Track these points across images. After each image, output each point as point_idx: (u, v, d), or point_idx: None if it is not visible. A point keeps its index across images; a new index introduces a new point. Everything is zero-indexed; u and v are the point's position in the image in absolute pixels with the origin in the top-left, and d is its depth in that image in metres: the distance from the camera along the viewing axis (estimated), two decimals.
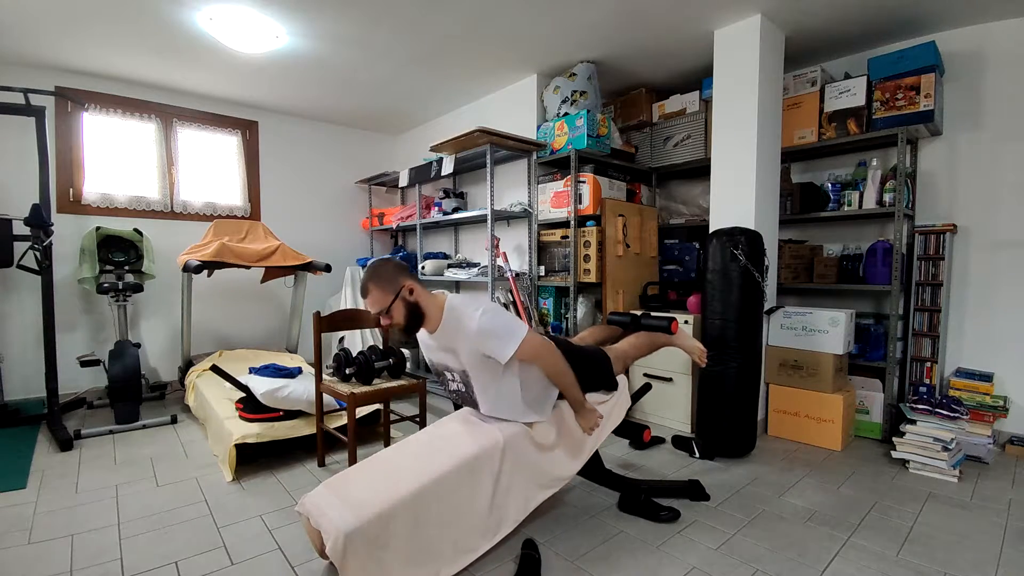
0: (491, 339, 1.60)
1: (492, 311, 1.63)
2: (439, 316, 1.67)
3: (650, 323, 2.26)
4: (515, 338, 1.60)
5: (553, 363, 1.69)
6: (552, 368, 1.70)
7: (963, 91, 2.76)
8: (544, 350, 1.67)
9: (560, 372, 1.71)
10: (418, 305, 1.65)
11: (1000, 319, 2.69)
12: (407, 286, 1.63)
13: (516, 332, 1.61)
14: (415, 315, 1.65)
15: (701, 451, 2.51)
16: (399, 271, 1.65)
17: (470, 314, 1.61)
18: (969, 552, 1.70)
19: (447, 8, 2.60)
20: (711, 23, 2.76)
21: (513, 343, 1.59)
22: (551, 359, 1.68)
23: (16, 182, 3.24)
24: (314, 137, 4.59)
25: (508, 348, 1.59)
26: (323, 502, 1.52)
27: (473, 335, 1.60)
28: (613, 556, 1.68)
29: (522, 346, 1.60)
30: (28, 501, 2.04)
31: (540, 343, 1.67)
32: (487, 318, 1.60)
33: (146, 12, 2.61)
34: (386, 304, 1.61)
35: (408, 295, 1.63)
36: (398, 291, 1.62)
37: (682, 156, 3.43)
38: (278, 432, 2.37)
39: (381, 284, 1.62)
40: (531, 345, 1.62)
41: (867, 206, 2.80)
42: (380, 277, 1.63)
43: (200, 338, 3.94)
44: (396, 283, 1.62)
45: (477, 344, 1.61)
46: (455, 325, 1.64)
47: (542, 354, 1.66)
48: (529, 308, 3.25)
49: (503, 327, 1.61)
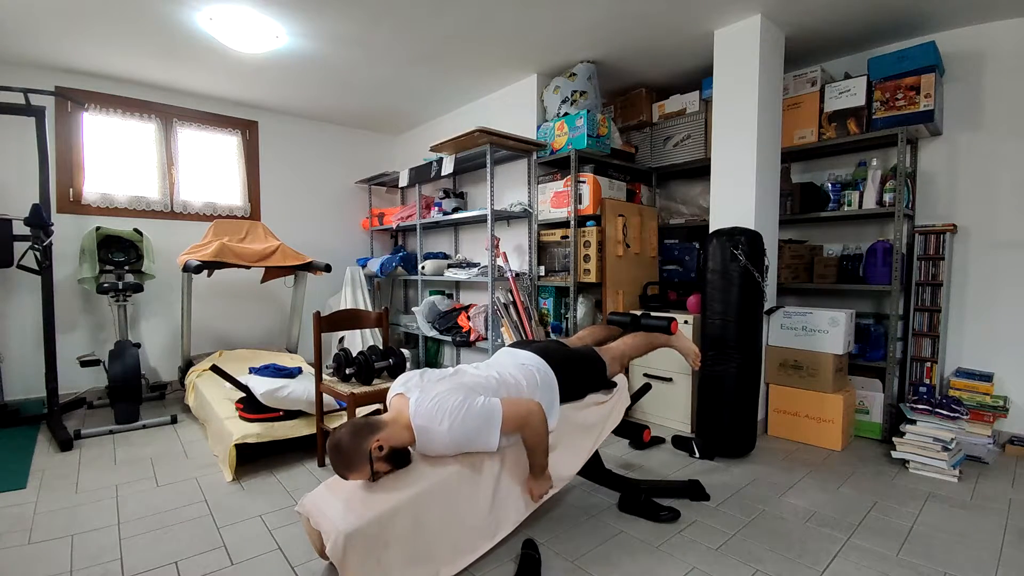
0: (472, 443, 1.56)
1: (455, 414, 1.52)
2: (412, 433, 1.57)
3: (650, 323, 2.26)
4: (494, 427, 1.54)
5: (534, 430, 1.61)
6: (532, 436, 1.62)
7: (963, 91, 2.76)
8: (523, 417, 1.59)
9: (538, 439, 1.63)
10: (393, 449, 1.55)
11: (1000, 319, 2.69)
12: (374, 445, 1.50)
13: (492, 421, 1.54)
14: (398, 457, 1.57)
15: (701, 451, 2.51)
16: (356, 441, 1.50)
17: (439, 434, 1.54)
18: (969, 552, 1.70)
19: (447, 8, 2.60)
20: (711, 23, 2.76)
21: (494, 432, 1.54)
22: (532, 424, 1.60)
23: (16, 182, 3.24)
24: (314, 137, 4.59)
25: (492, 439, 1.55)
26: (323, 502, 1.52)
27: (453, 449, 1.58)
28: (613, 556, 1.68)
29: (504, 426, 1.55)
30: (28, 501, 2.04)
31: (516, 412, 1.58)
32: (456, 430, 1.52)
33: (146, 12, 2.61)
34: (368, 474, 1.51)
35: (379, 451, 1.51)
36: (369, 459, 1.50)
37: (682, 156, 3.43)
38: (278, 432, 2.37)
39: (353, 464, 1.50)
40: (511, 422, 1.57)
41: (867, 206, 2.80)
42: (348, 460, 1.50)
43: (200, 338, 3.94)
44: (363, 454, 1.50)
45: (460, 451, 1.59)
46: (429, 443, 1.58)
47: (524, 423, 1.59)
48: (529, 308, 3.25)
49: (475, 427, 1.53)
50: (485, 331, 3.36)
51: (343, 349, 2.45)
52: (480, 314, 3.45)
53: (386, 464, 1.54)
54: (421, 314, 3.83)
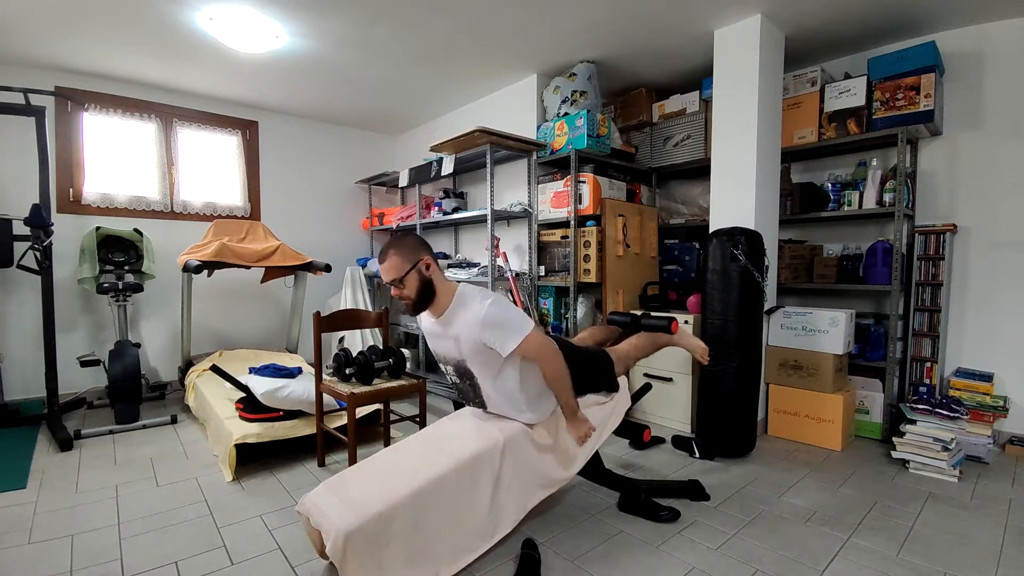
0: (495, 329, 1.59)
1: (501, 302, 1.63)
2: (448, 300, 1.67)
3: (650, 323, 2.26)
4: (519, 332, 1.59)
5: (554, 364, 1.68)
6: (552, 370, 1.68)
7: (963, 91, 2.76)
8: (546, 349, 1.66)
9: (559, 376, 1.70)
10: (431, 282, 1.64)
11: (1000, 319, 2.69)
12: (425, 260, 1.63)
13: (521, 327, 1.60)
14: (426, 291, 1.64)
15: (701, 451, 2.51)
16: (421, 245, 1.66)
17: (478, 302, 1.62)
18: (969, 552, 1.70)
19: (447, 8, 2.60)
20: (711, 23, 2.76)
21: (516, 337, 1.59)
22: (552, 359, 1.67)
23: (16, 182, 3.24)
24: (314, 137, 4.59)
25: (510, 341, 1.59)
26: (323, 502, 1.52)
27: (477, 323, 1.60)
28: (613, 556, 1.68)
29: (525, 342, 1.59)
30: (28, 501, 2.04)
31: (543, 342, 1.66)
32: (495, 308, 1.59)
33: (146, 12, 2.61)
34: (402, 273, 1.60)
35: (424, 269, 1.62)
36: (416, 263, 1.61)
37: (682, 156, 3.43)
38: (278, 432, 2.37)
39: (401, 252, 1.61)
40: (534, 342, 1.62)
41: (867, 206, 2.80)
42: (401, 245, 1.63)
43: (200, 338, 3.94)
44: (415, 255, 1.62)
45: (480, 333, 1.60)
46: (461, 311, 1.64)
47: (544, 353, 1.66)
48: (529, 308, 3.25)
49: (508, 319, 1.60)
50: None
51: (343, 349, 2.45)
52: None
53: (415, 283, 1.62)
54: None
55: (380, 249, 1.66)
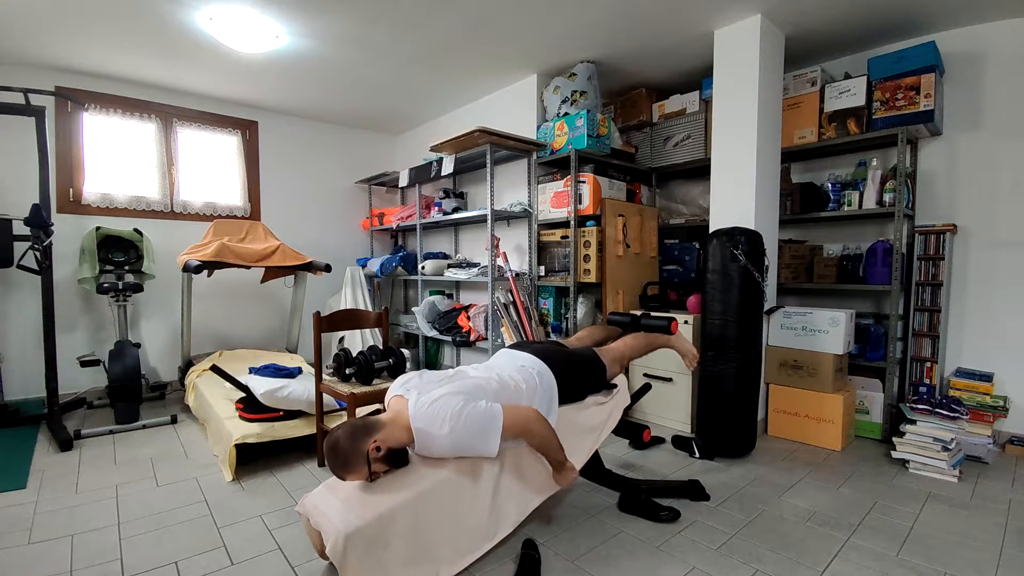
0: (473, 447, 1.53)
1: (456, 419, 1.49)
2: (410, 435, 1.55)
3: (650, 323, 2.26)
4: (494, 432, 1.52)
5: (536, 431, 1.60)
6: (537, 436, 1.61)
7: (963, 91, 2.76)
8: (524, 422, 1.59)
9: (545, 439, 1.62)
10: (391, 450, 1.54)
11: (1000, 319, 2.69)
12: (371, 448, 1.49)
13: (492, 425, 1.52)
14: (396, 457, 1.56)
15: (701, 451, 2.51)
16: (353, 442, 1.49)
17: (438, 437, 1.51)
18: (969, 552, 1.70)
19: (447, 8, 2.60)
20: (711, 23, 2.76)
21: (494, 438, 1.52)
22: (534, 427, 1.60)
23: (16, 182, 3.24)
24: (314, 137, 4.59)
25: (492, 444, 1.53)
26: (323, 502, 1.52)
27: (452, 452, 1.56)
28: (613, 556, 1.68)
29: (504, 432, 1.54)
30: (28, 501, 2.04)
31: (515, 418, 1.57)
32: (457, 434, 1.49)
33: (146, 12, 2.61)
34: (367, 475, 1.51)
35: (376, 453, 1.50)
36: (368, 459, 1.49)
37: (682, 156, 3.43)
38: (278, 432, 2.37)
39: (350, 466, 1.50)
40: (511, 428, 1.56)
41: (867, 206, 2.80)
42: (343, 461, 1.49)
43: (200, 338, 3.94)
44: (360, 455, 1.49)
45: (459, 455, 1.57)
46: (428, 446, 1.56)
47: (525, 428, 1.59)
48: (529, 308, 3.25)
49: (476, 432, 1.51)
50: (485, 331, 3.36)
51: (343, 349, 2.45)
52: (480, 314, 3.45)
53: (384, 465, 1.54)
54: (421, 314, 3.83)
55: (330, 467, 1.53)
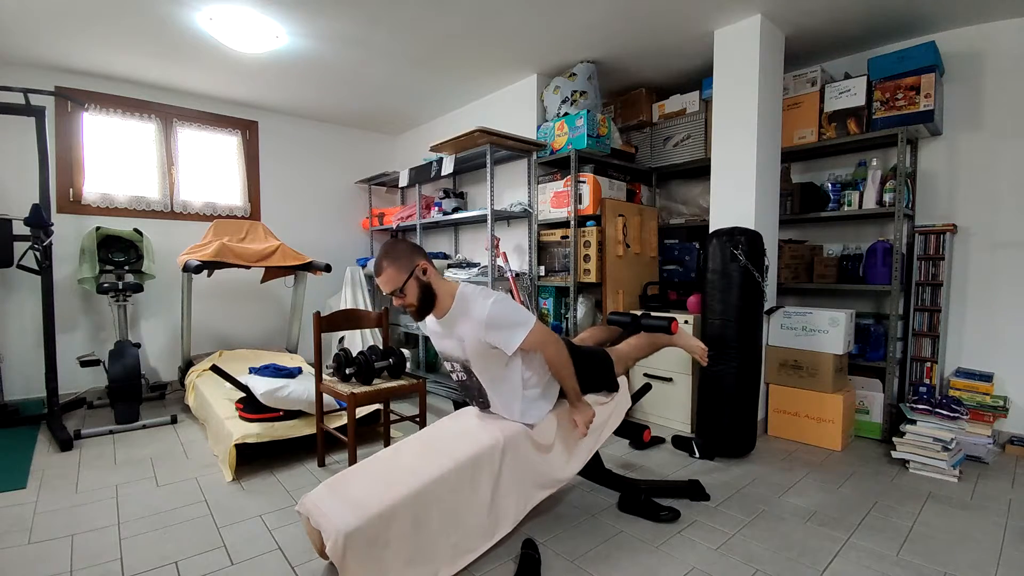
0: (499, 330, 1.60)
1: (502, 301, 1.63)
2: (450, 302, 1.67)
3: (650, 323, 2.26)
4: (523, 328, 1.61)
5: (557, 352, 1.70)
6: (556, 358, 1.70)
7: (963, 91, 2.76)
8: (550, 339, 1.68)
9: (563, 363, 1.72)
10: (430, 286, 1.64)
11: (1000, 319, 2.69)
12: (421, 265, 1.62)
13: (524, 322, 1.62)
14: (427, 296, 1.64)
15: (701, 451, 2.51)
16: (414, 250, 1.65)
17: (480, 302, 1.62)
18: (969, 552, 1.70)
19: (447, 8, 2.60)
20: (711, 23, 2.76)
21: (520, 333, 1.60)
22: (555, 347, 1.69)
23: (16, 182, 3.24)
24: (314, 137, 4.59)
25: (515, 338, 1.60)
26: (323, 502, 1.52)
27: (481, 324, 1.60)
28: (613, 556, 1.68)
29: (528, 337, 1.61)
30: (28, 501, 2.04)
31: (546, 332, 1.68)
32: (497, 307, 1.59)
33: (146, 12, 2.61)
34: (400, 283, 1.60)
35: (422, 275, 1.63)
36: (412, 270, 1.61)
37: (682, 156, 3.43)
38: (278, 432, 2.37)
39: (395, 262, 1.61)
40: (537, 335, 1.64)
41: (867, 206, 2.80)
42: (395, 255, 1.62)
43: (200, 338, 3.94)
44: (411, 262, 1.61)
45: (484, 334, 1.61)
46: (464, 312, 1.64)
47: (548, 342, 1.67)
48: (529, 309, 3.25)
49: (511, 317, 1.61)
50: None
51: (343, 349, 2.44)
52: None
53: (415, 290, 1.62)
54: None
55: (374, 261, 1.66)
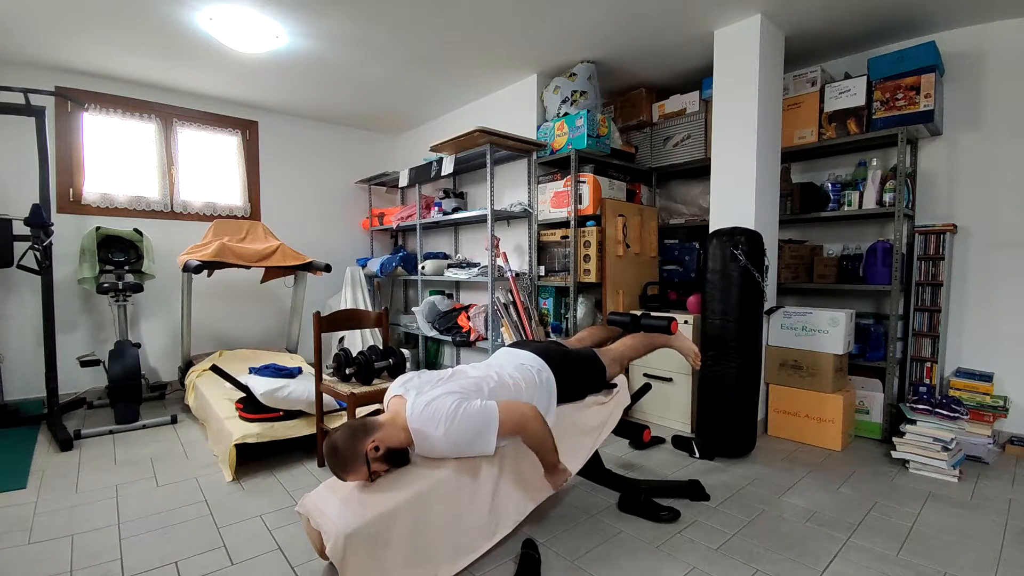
0: (471, 447, 1.54)
1: (451, 419, 1.50)
2: (408, 435, 1.56)
3: (650, 323, 2.26)
4: (490, 430, 1.52)
5: (532, 429, 1.59)
6: (532, 435, 1.60)
7: (963, 91, 2.76)
8: (520, 419, 1.58)
9: (541, 438, 1.61)
10: (390, 449, 1.54)
11: (1000, 319, 2.69)
12: (369, 448, 1.50)
13: (488, 424, 1.52)
14: (395, 457, 1.56)
15: (701, 451, 2.51)
16: (352, 443, 1.50)
17: (434, 435, 1.52)
18: (969, 552, 1.70)
19: (447, 8, 2.60)
20: (711, 23, 2.76)
21: (490, 436, 1.53)
22: (531, 426, 1.59)
23: (16, 182, 3.24)
24: (314, 137, 4.59)
25: (489, 444, 1.53)
26: (323, 502, 1.52)
27: (450, 452, 1.56)
28: (613, 556, 1.68)
29: (501, 429, 1.54)
30: (28, 501, 2.04)
31: (511, 416, 1.57)
32: (452, 435, 1.50)
33: (146, 12, 2.61)
34: (367, 474, 1.51)
35: (375, 453, 1.51)
36: (367, 459, 1.50)
37: (682, 156, 3.43)
38: (278, 432, 2.37)
39: (348, 465, 1.50)
40: (508, 426, 1.56)
41: (867, 206, 2.80)
42: (342, 460, 1.50)
43: (200, 338, 3.94)
44: (359, 456, 1.50)
45: (457, 455, 1.57)
46: (426, 446, 1.57)
47: (520, 425, 1.58)
48: (529, 308, 3.25)
49: (472, 432, 1.51)
50: (485, 331, 3.36)
51: (343, 349, 2.44)
52: (480, 314, 3.45)
53: (383, 464, 1.54)
54: (421, 314, 3.83)
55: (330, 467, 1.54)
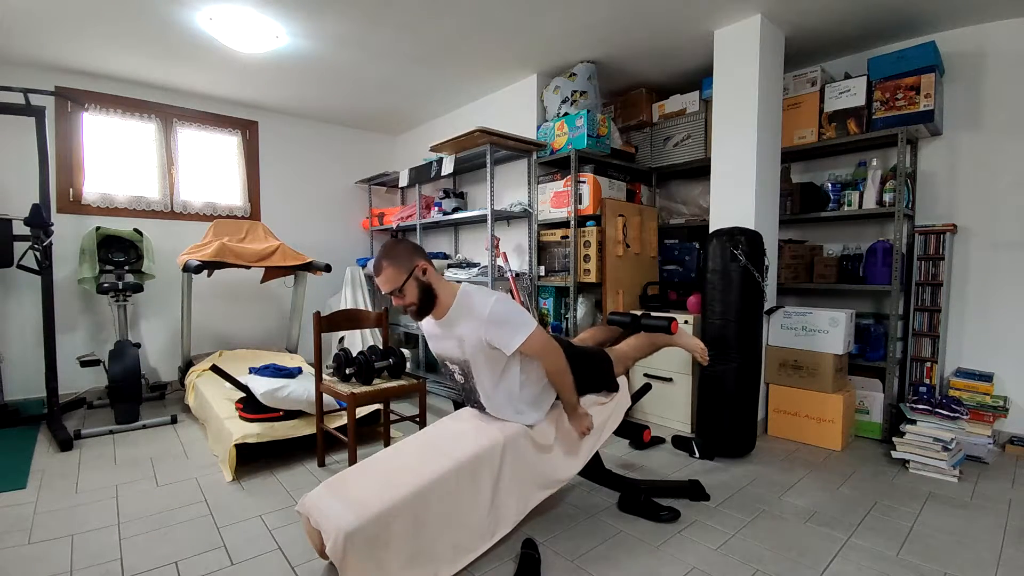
0: (500, 328, 1.60)
1: (504, 300, 1.63)
2: (450, 302, 1.67)
3: (650, 323, 2.26)
4: (523, 330, 1.60)
5: (555, 361, 1.70)
6: (554, 366, 1.70)
7: (963, 91, 2.76)
8: (549, 346, 1.68)
9: (561, 371, 1.71)
10: (430, 287, 1.64)
11: (1000, 319, 2.69)
12: (421, 266, 1.62)
13: (525, 324, 1.62)
14: (427, 296, 1.64)
15: (701, 451, 2.51)
16: (414, 250, 1.65)
17: (482, 300, 1.62)
18: (969, 552, 1.70)
19: (447, 8, 2.60)
20: (711, 23, 2.76)
21: (521, 335, 1.60)
22: (554, 356, 1.69)
23: (16, 182, 3.24)
24: (314, 137, 4.59)
25: (516, 339, 1.60)
26: (323, 502, 1.52)
27: (483, 322, 1.60)
28: (613, 556, 1.68)
29: (528, 340, 1.60)
30: (28, 501, 2.04)
31: (546, 339, 1.68)
32: (500, 306, 1.60)
33: (146, 12, 2.61)
34: (399, 283, 1.60)
35: (422, 275, 1.62)
36: (412, 270, 1.60)
37: (682, 156, 3.43)
38: (278, 432, 2.37)
39: (395, 262, 1.61)
40: (538, 340, 1.63)
41: (867, 206, 2.80)
42: (394, 255, 1.62)
43: (200, 338, 3.94)
44: (410, 262, 1.61)
45: (485, 332, 1.61)
46: (466, 311, 1.64)
47: (547, 350, 1.67)
48: (529, 308, 3.25)
49: (513, 318, 1.62)
50: None
51: (343, 349, 2.45)
52: None
53: (416, 290, 1.62)
54: None
55: (374, 261, 1.66)
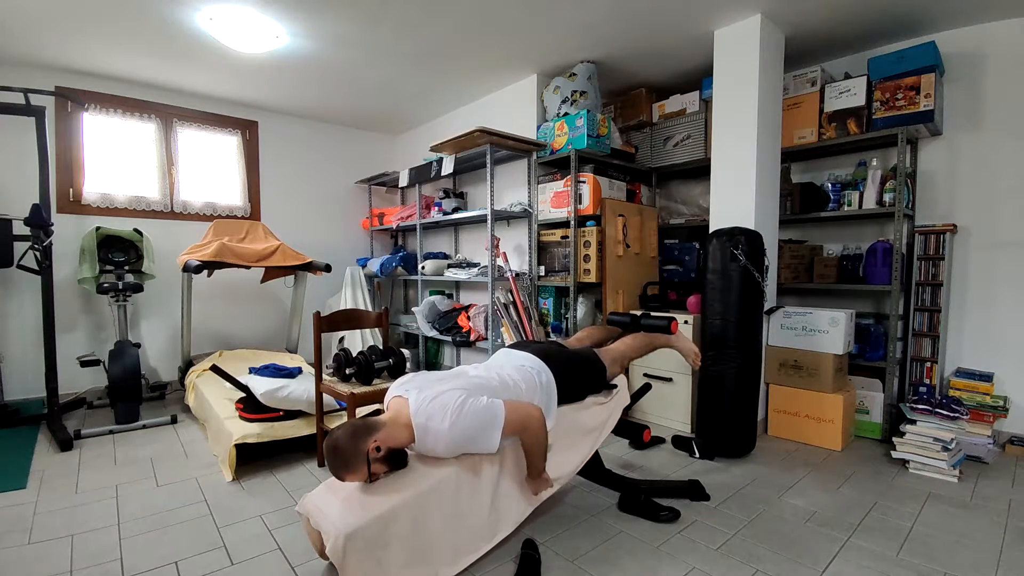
0: (474, 443, 1.55)
1: (459, 414, 1.51)
2: (411, 433, 1.55)
3: (650, 323, 2.26)
4: (495, 427, 1.53)
5: (535, 432, 1.61)
6: (534, 438, 1.62)
7: (963, 91, 2.76)
8: (525, 419, 1.60)
9: (538, 442, 1.63)
10: (391, 450, 1.53)
11: (1000, 319, 2.69)
12: (371, 447, 1.48)
13: (494, 420, 1.53)
14: (395, 458, 1.55)
15: (701, 451, 2.51)
16: (354, 442, 1.48)
17: (439, 429, 1.51)
18: (969, 552, 1.70)
19: (447, 8, 2.60)
20: (711, 23, 2.76)
21: (496, 433, 1.53)
22: (534, 427, 1.61)
23: (16, 182, 3.24)
24: (314, 137, 4.59)
25: (493, 439, 1.54)
26: (323, 502, 1.52)
27: (452, 449, 1.55)
28: (613, 556, 1.68)
29: (506, 428, 1.55)
30: (28, 501, 2.04)
31: (519, 412, 1.59)
32: (457, 428, 1.50)
33: (146, 12, 2.61)
34: (367, 475, 1.49)
35: (376, 453, 1.49)
36: (368, 460, 1.48)
37: (682, 156, 3.43)
38: (278, 432, 2.37)
39: (351, 466, 1.48)
40: (514, 420, 1.57)
41: (867, 206, 2.80)
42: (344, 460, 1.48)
43: (200, 338, 3.94)
44: (360, 456, 1.48)
45: (460, 451, 1.58)
46: (429, 442, 1.56)
47: (526, 425, 1.60)
48: (529, 308, 3.25)
49: (477, 426, 1.52)
50: (485, 331, 3.36)
51: (343, 349, 2.45)
52: (480, 314, 3.45)
53: (383, 465, 1.53)
54: (421, 314, 3.83)
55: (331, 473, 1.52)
